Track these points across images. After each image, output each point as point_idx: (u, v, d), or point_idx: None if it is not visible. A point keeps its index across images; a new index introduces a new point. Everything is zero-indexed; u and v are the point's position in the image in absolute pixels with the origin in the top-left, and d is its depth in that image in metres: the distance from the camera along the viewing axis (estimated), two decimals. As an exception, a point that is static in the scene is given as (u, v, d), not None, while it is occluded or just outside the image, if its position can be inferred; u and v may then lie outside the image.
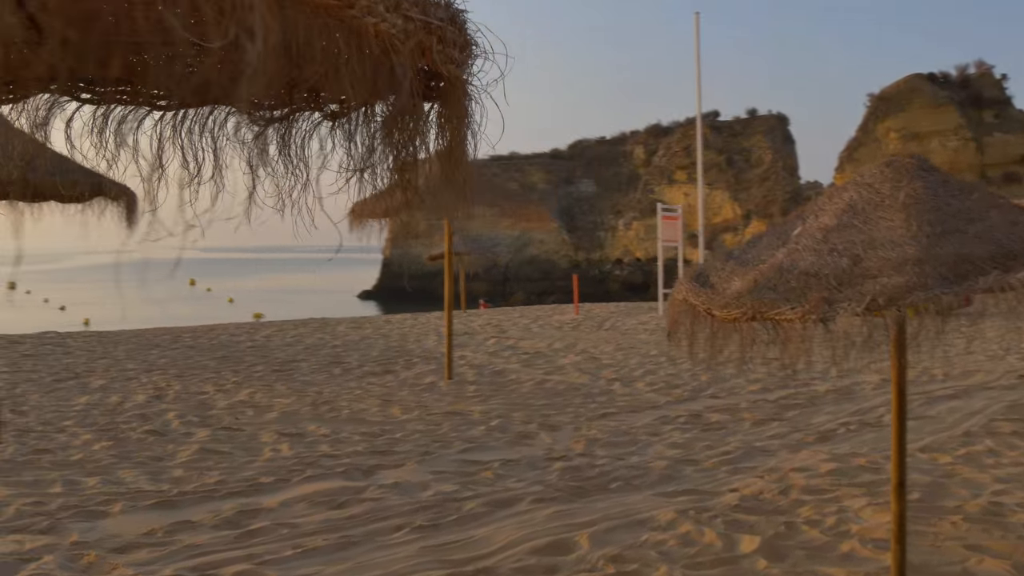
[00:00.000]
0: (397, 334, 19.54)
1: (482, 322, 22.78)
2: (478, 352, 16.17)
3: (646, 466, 7.98)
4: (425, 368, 14.10)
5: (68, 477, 7.55)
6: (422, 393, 11.82)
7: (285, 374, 13.38)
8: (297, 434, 9.28)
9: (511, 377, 13.19)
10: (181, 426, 9.61)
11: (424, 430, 9.51)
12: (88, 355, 15.28)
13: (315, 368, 14.05)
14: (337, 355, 15.67)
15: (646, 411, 10.56)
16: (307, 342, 17.74)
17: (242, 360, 14.82)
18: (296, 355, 15.61)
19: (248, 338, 18.37)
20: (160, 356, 15.25)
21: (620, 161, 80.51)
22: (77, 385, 12.17)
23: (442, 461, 8.20)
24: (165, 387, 12.01)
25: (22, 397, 11.24)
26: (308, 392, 11.77)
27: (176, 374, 13.19)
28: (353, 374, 13.50)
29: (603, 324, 21.55)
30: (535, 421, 9.94)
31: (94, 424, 9.67)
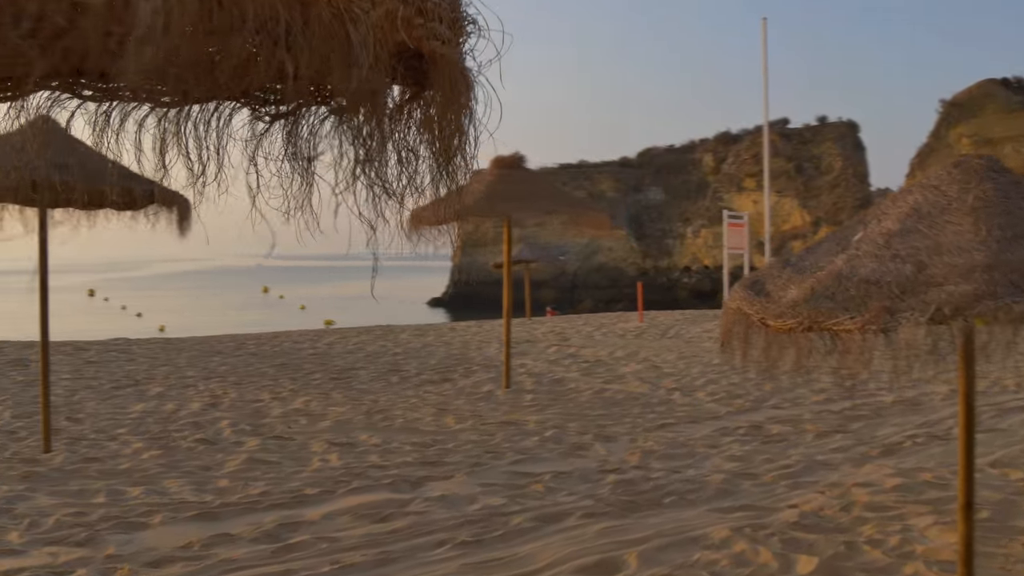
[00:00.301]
0: (459, 342, 19.35)
1: (545, 330, 22.49)
2: (538, 360, 15.90)
3: (702, 480, 7.64)
4: (484, 376, 13.86)
5: (113, 487, 7.43)
6: (478, 402, 11.58)
7: (343, 382, 13.24)
8: (348, 443, 9.09)
9: (570, 386, 12.89)
10: (232, 435, 9.49)
11: (477, 440, 9.27)
12: (151, 362, 15.30)
13: (373, 376, 13.89)
14: (396, 363, 15.51)
15: (705, 422, 10.20)
16: (368, 349, 17.62)
17: (301, 368, 14.72)
18: (356, 363, 15.48)
19: (310, 345, 18.31)
20: (221, 363, 15.22)
21: (689, 169, 79.65)
22: (135, 393, 12.13)
23: (492, 473, 7.94)
24: (221, 395, 11.93)
25: (79, 404, 11.22)
26: (364, 400, 11.60)
27: (234, 381, 13.12)
28: (411, 382, 13.31)
29: (667, 332, 21.14)
30: (590, 432, 9.64)
31: (146, 432, 9.59)
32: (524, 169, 12.29)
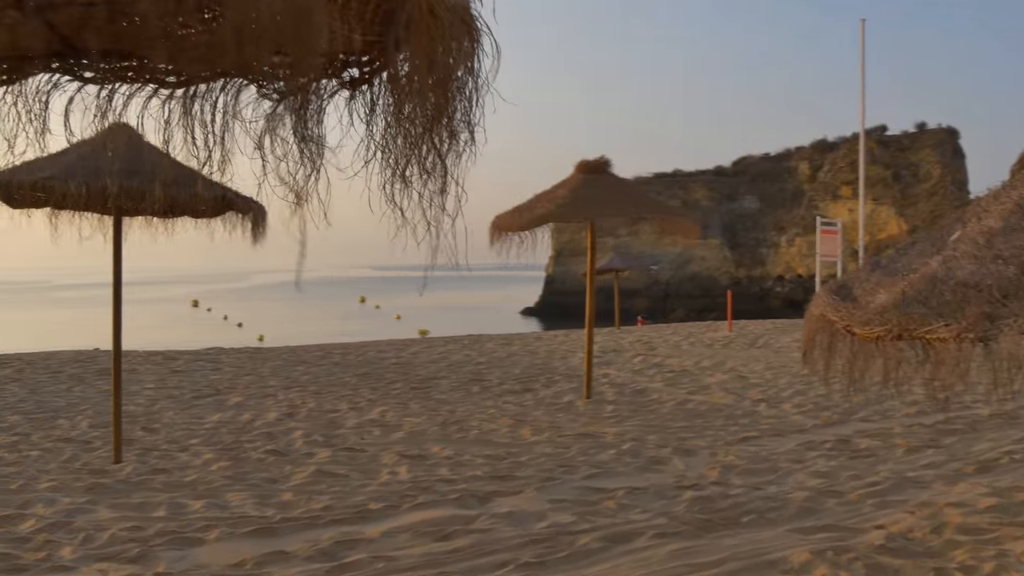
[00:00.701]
0: (545, 351, 18.96)
1: (632, 339, 21.98)
2: (623, 370, 15.42)
3: (784, 497, 7.11)
4: (566, 387, 13.44)
5: (175, 500, 7.21)
6: (557, 413, 11.17)
7: (422, 392, 12.95)
8: (419, 456, 8.76)
9: (652, 397, 12.40)
10: (304, 446, 9.24)
11: (551, 453, 8.85)
12: (235, 372, 15.23)
13: (454, 386, 13.58)
14: (479, 372, 15.18)
15: (790, 435, 9.63)
16: (453, 359, 17.34)
17: (383, 377, 14.49)
18: (438, 372, 15.20)
19: (395, 355, 18.10)
20: (304, 373, 15.08)
21: (784, 177, 78.12)
22: (214, 402, 12.01)
23: (563, 488, 7.52)
24: (299, 404, 11.73)
25: (157, 414, 11.12)
26: (440, 411, 11.28)
27: (314, 391, 12.93)
28: (491, 392, 12.97)
29: (756, 342, 20.45)
30: (670, 445, 9.15)
31: (219, 443, 9.40)
32: (609, 174, 11.85)
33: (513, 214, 11.34)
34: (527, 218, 11.10)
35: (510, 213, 11.42)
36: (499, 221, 11.41)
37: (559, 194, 11.34)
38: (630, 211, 11.70)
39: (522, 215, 11.20)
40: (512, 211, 11.51)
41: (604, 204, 11.33)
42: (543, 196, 11.52)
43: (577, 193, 11.30)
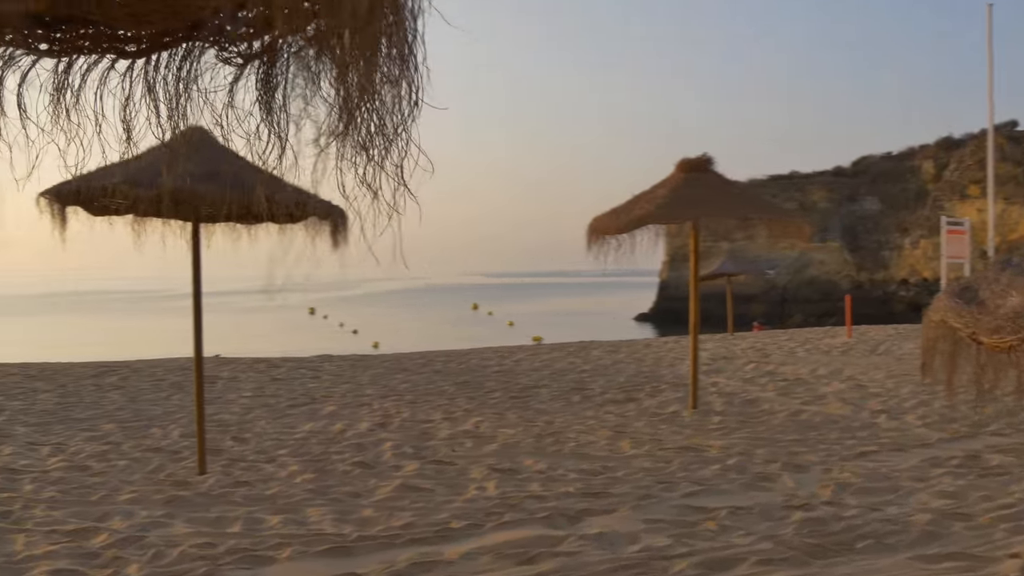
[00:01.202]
0: (652, 358, 18.37)
1: (745, 345, 21.21)
2: (733, 378, 14.76)
3: (905, 520, 6.45)
4: (671, 396, 12.87)
5: (253, 514, 6.93)
6: (659, 424, 10.63)
7: (521, 401, 12.54)
8: (510, 470, 8.34)
9: (763, 407, 11.74)
10: (392, 458, 8.91)
11: (650, 468, 8.33)
12: (334, 380, 15.07)
13: (554, 395, 13.13)
14: (582, 381, 14.70)
15: (913, 450, 8.90)
16: (556, 367, 16.89)
17: (482, 386, 14.13)
18: (539, 380, 14.77)
19: (498, 363, 17.75)
20: (403, 381, 14.83)
21: (907, 177, 75.39)
22: (308, 411, 11.81)
23: (661, 507, 7.01)
24: (393, 414, 11.44)
25: (250, 424, 10.95)
26: (538, 422, 10.85)
27: (410, 400, 12.64)
28: (592, 402, 12.48)
29: (876, 348, 19.47)
30: (779, 460, 8.53)
31: (307, 454, 9.14)
32: (713, 172, 11.25)
33: (610, 216, 10.85)
34: (624, 220, 10.59)
35: (607, 215, 10.94)
36: (596, 224, 10.93)
37: (659, 194, 10.80)
38: (735, 211, 11.07)
39: (619, 217, 10.70)
40: (609, 213, 11.02)
41: (707, 204, 10.74)
42: (642, 197, 11.01)
43: (678, 193, 10.75)
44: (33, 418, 11.52)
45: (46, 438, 10.12)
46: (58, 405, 12.54)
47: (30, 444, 9.76)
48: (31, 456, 9.14)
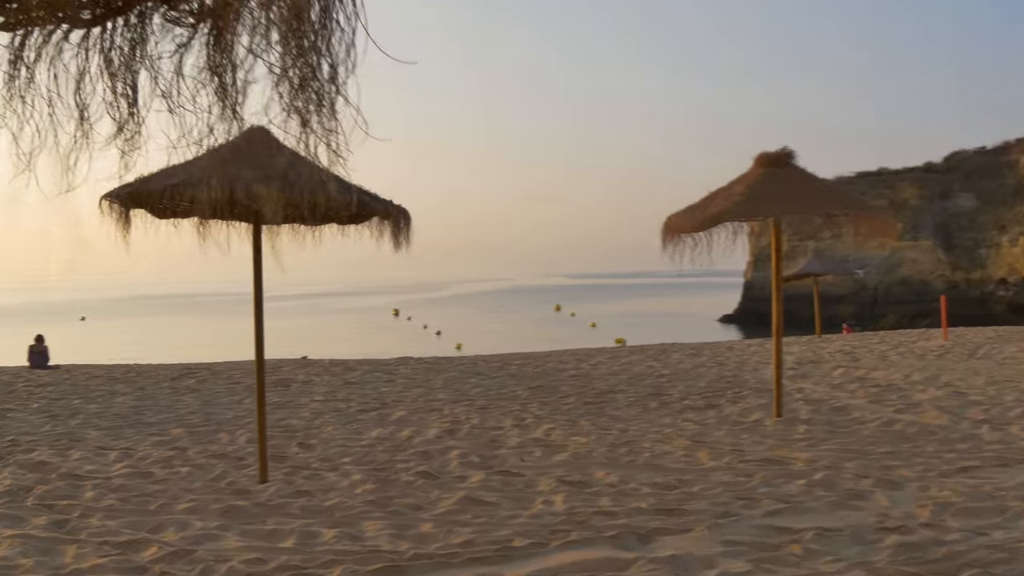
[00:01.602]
0: (735, 362, 17.76)
1: (834, 349, 20.44)
2: (820, 384, 14.10)
3: (1013, 547, 5.87)
4: (754, 403, 12.30)
5: (309, 527, 6.62)
6: (741, 434, 10.09)
7: (596, 407, 12.10)
8: (580, 482, 7.90)
9: (852, 415, 11.11)
10: (458, 467, 8.54)
11: (730, 482, 7.82)
12: (407, 383, 14.80)
13: (631, 401, 12.66)
14: (660, 386, 14.20)
15: (1020, 465, 8.23)
16: (634, 371, 16.40)
17: (556, 390, 13.72)
18: (616, 385, 14.31)
19: (575, 366, 17.32)
20: (476, 385, 14.49)
21: (1004, 172, 72.82)
22: (377, 417, 11.52)
23: (740, 526, 6.51)
24: (463, 420, 11.09)
25: (318, 429, 10.70)
26: (612, 429, 10.39)
27: (482, 406, 12.28)
28: (670, 408, 11.98)
29: (975, 352, 18.56)
30: (871, 475, 7.95)
31: (371, 462, 8.83)
32: (794, 167, 10.67)
33: (685, 214, 10.35)
34: (700, 218, 10.08)
35: (682, 213, 10.44)
36: (671, 222, 10.43)
37: (736, 190, 10.26)
38: (819, 208, 10.45)
39: (694, 215, 10.19)
40: (684, 211, 10.51)
41: (788, 200, 10.16)
42: (718, 193, 10.49)
43: (756, 188, 10.20)
44: (106, 421, 11.44)
45: (115, 442, 10.00)
46: (132, 408, 12.48)
47: (99, 448, 9.63)
48: (98, 461, 8.99)
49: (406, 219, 8.28)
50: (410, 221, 8.31)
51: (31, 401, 13.29)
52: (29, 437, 10.27)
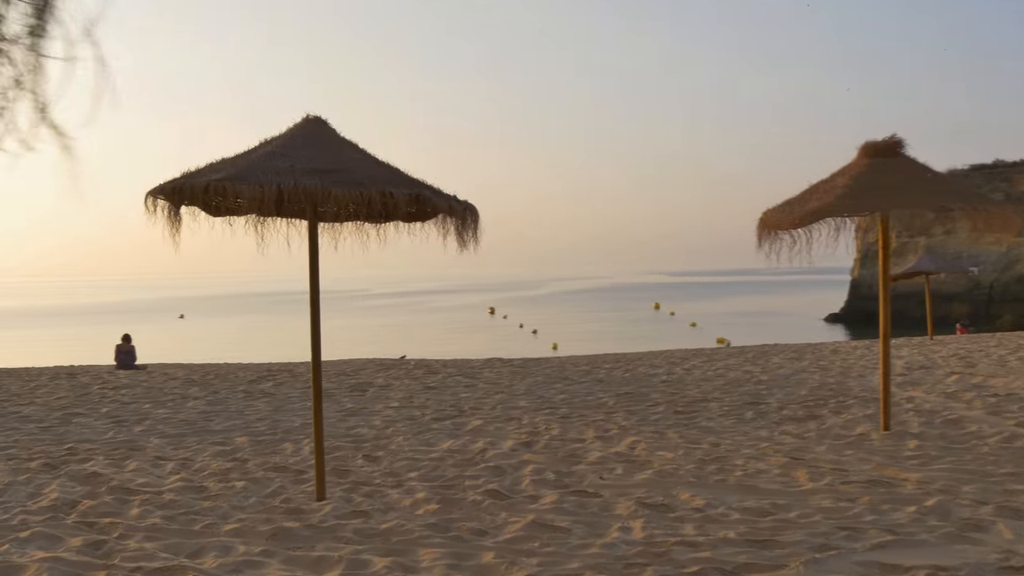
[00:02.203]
0: (839, 367, 16.72)
1: (947, 352, 19.20)
2: (932, 393, 13.05)
3: None
4: (860, 413, 11.36)
5: (360, 555, 6.02)
6: (844, 449, 9.21)
7: (686, 417, 11.30)
8: (662, 505, 7.16)
9: (969, 429, 10.11)
10: (531, 485, 7.87)
11: (831, 508, 6.99)
12: (488, 389, 14.18)
13: (725, 410, 11.82)
14: (757, 394, 13.31)
15: None
16: (730, 376, 15.51)
17: (646, 398, 12.94)
18: (710, 392, 13.47)
19: (667, 370, 16.49)
20: (560, 391, 13.80)
21: None
22: (452, 426, 10.91)
23: (842, 563, 5.71)
24: (542, 431, 10.41)
25: (387, 439, 10.13)
26: (702, 443, 9.61)
27: (564, 414, 11.58)
28: (768, 419, 11.12)
29: (1106, 357, 17.20)
30: (991, 501, 7.04)
31: (439, 478, 8.22)
32: (903, 156, 9.72)
33: (783, 209, 9.50)
34: (799, 213, 9.22)
35: (779, 208, 9.59)
36: (768, 218, 9.59)
37: (839, 183, 9.38)
38: (930, 201, 9.46)
39: (793, 210, 9.33)
40: (782, 206, 9.66)
41: (896, 193, 9.22)
42: (819, 187, 9.61)
43: (861, 181, 9.29)
44: (171, 428, 11.08)
45: (175, 452, 9.59)
46: (201, 415, 12.11)
47: (157, 459, 9.22)
48: (152, 473, 8.57)
49: (473, 216, 7.66)
50: (477, 218, 7.69)
51: (101, 405, 13.04)
52: (88, 445, 9.93)
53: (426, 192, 7.24)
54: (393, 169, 7.55)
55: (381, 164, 7.57)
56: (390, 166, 7.61)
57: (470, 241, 7.62)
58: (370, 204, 7.11)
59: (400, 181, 7.31)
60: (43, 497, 7.57)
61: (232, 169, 7.05)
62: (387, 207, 7.40)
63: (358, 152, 7.62)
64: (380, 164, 7.56)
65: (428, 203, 7.30)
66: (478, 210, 7.72)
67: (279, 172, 6.94)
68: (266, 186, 6.74)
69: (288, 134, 7.55)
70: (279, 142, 7.42)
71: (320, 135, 7.56)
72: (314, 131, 7.64)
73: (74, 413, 12.23)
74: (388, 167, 7.56)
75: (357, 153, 7.58)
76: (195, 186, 6.92)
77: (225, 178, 6.87)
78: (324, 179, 6.93)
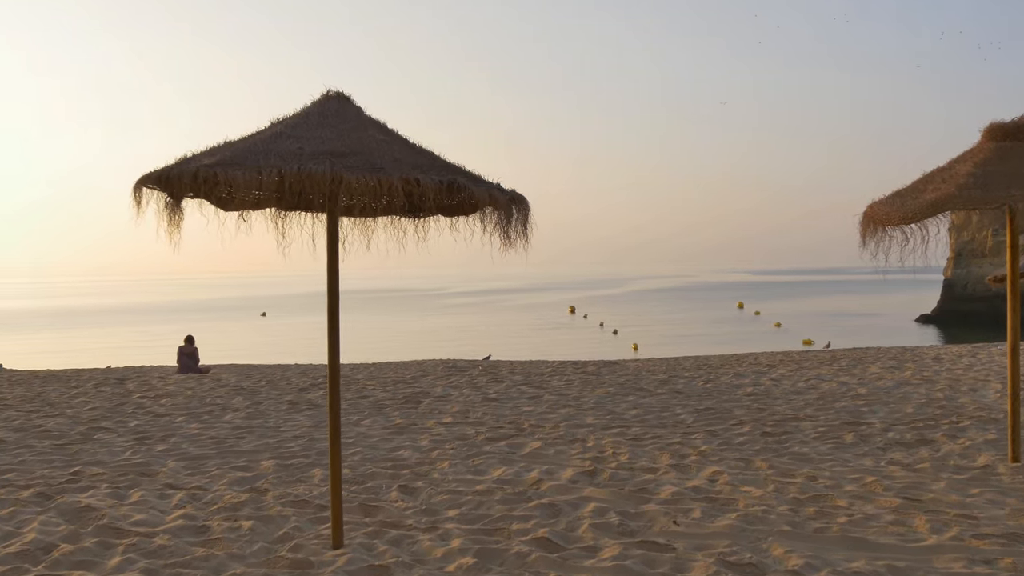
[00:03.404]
0: (945, 378, 14.97)
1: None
2: (1060, 412, 11.34)
3: None
4: (978, 438, 9.74)
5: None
6: (969, 487, 7.64)
7: (776, 440, 9.80)
8: (749, 565, 5.71)
9: (1117, 462, 8.47)
10: (589, 531, 6.48)
11: (963, 575, 5.50)
12: (554, 402, 12.80)
13: (820, 432, 10.27)
14: (856, 411, 11.72)
15: None
16: (823, 388, 13.91)
17: (728, 415, 11.44)
18: (802, 409, 11.92)
19: (753, 380, 14.93)
20: (633, 405, 12.36)
21: None
22: (507, 448, 9.56)
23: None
24: (609, 456, 9.01)
25: (432, 464, 8.82)
26: (796, 476, 8.12)
27: (635, 435, 10.15)
28: (871, 444, 9.57)
29: None
30: None
31: (481, 518, 6.88)
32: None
33: (892, 201, 7.97)
34: (913, 206, 7.68)
35: (888, 200, 8.06)
36: (873, 212, 8.06)
37: (959, 171, 7.83)
38: None
39: (905, 202, 7.80)
40: (891, 197, 8.13)
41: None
42: (935, 176, 8.07)
43: (987, 169, 7.73)
44: (196, 448, 9.90)
45: (190, 479, 8.39)
46: (234, 431, 10.94)
47: (166, 487, 8.04)
48: (155, 507, 7.36)
49: (520, 208, 6.32)
50: (526, 210, 6.36)
51: (132, 418, 11.96)
52: (97, 469, 8.77)
53: (460, 179, 5.91)
54: (425, 153, 6.26)
55: (411, 148, 6.27)
56: (422, 150, 6.31)
57: (517, 237, 6.29)
58: (392, 193, 5.81)
59: (431, 167, 6.01)
60: (18, 539, 6.41)
61: (229, 152, 5.81)
62: (414, 197, 6.12)
63: (384, 133, 6.34)
64: (410, 147, 6.26)
65: (463, 192, 5.97)
66: (527, 200, 6.40)
67: (283, 156, 5.67)
68: (264, 172, 5.47)
69: (302, 112, 6.29)
70: (291, 121, 6.16)
71: (340, 114, 6.29)
72: (333, 109, 6.37)
73: (99, 427, 11.14)
74: (419, 151, 6.27)
75: (383, 134, 6.29)
76: (183, 174, 5.67)
77: (217, 163, 5.62)
78: (336, 163, 5.65)
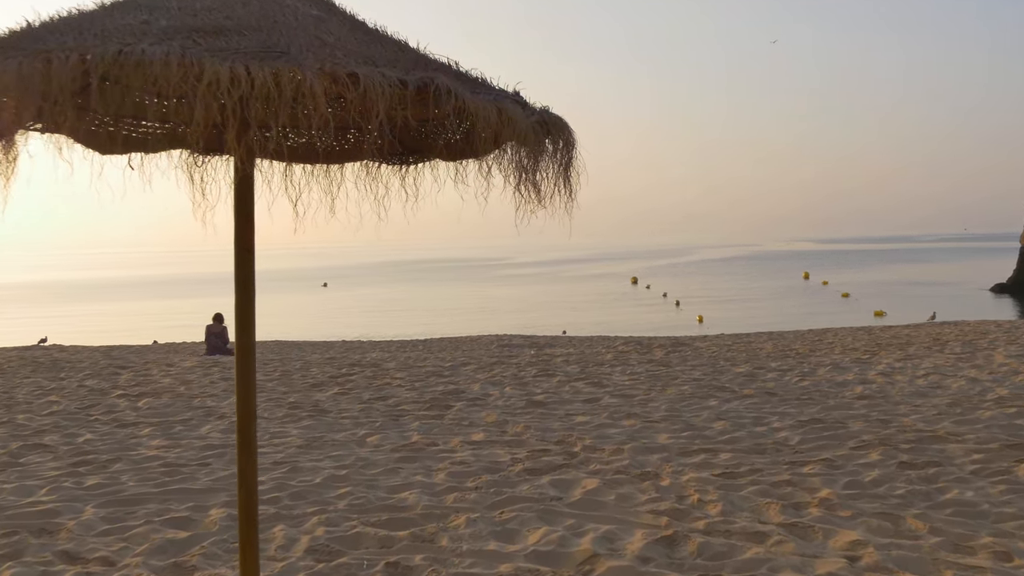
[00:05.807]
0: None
1: None
2: None
3: None
4: None
5: None
6: None
7: (922, 476, 6.86)
8: None
9: None
10: None
11: None
12: (615, 407, 9.99)
13: (979, 462, 7.29)
14: (1011, 425, 8.69)
15: None
16: (951, 387, 10.86)
17: (843, 429, 8.50)
18: (936, 420, 8.94)
19: (858, 375, 11.95)
20: (716, 413, 9.45)
21: None
22: (551, 488, 6.71)
23: None
24: (691, 506, 6.18)
25: (442, 519, 6.06)
26: (974, 546, 5.26)
27: (726, 465, 7.26)
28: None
29: None
30: None
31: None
32: None
33: None
34: None
35: None
36: None
37: None
38: None
39: None
40: None
41: None
42: None
43: None
44: (136, 482, 7.15)
45: (99, 542, 5.60)
46: (202, 451, 8.24)
47: (60, 556, 5.42)
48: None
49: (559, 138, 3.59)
50: (570, 143, 3.62)
51: (89, 427, 9.22)
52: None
53: (443, 80, 3.15)
54: (391, 43, 3.52)
55: (367, 32, 3.55)
56: (388, 38, 3.58)
57: (556, 189, 3.57)
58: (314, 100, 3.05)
59: (393, 61, 3.26)
60: None
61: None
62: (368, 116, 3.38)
63: (325, 9, 3.60)
64: (365, 32, 3.54)
65: (448, 102, 3.18)
66: (569, 127, 3.65)
67: (110, 34, 2.98)
68: (32, 63, 2.78)
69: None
70: None
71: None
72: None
73: (39, 444, 8.41)
74: (381, 38, 3.54)
75: (318, 8, 3.55)
76: None
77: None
78: (198, 44, 2.94)
